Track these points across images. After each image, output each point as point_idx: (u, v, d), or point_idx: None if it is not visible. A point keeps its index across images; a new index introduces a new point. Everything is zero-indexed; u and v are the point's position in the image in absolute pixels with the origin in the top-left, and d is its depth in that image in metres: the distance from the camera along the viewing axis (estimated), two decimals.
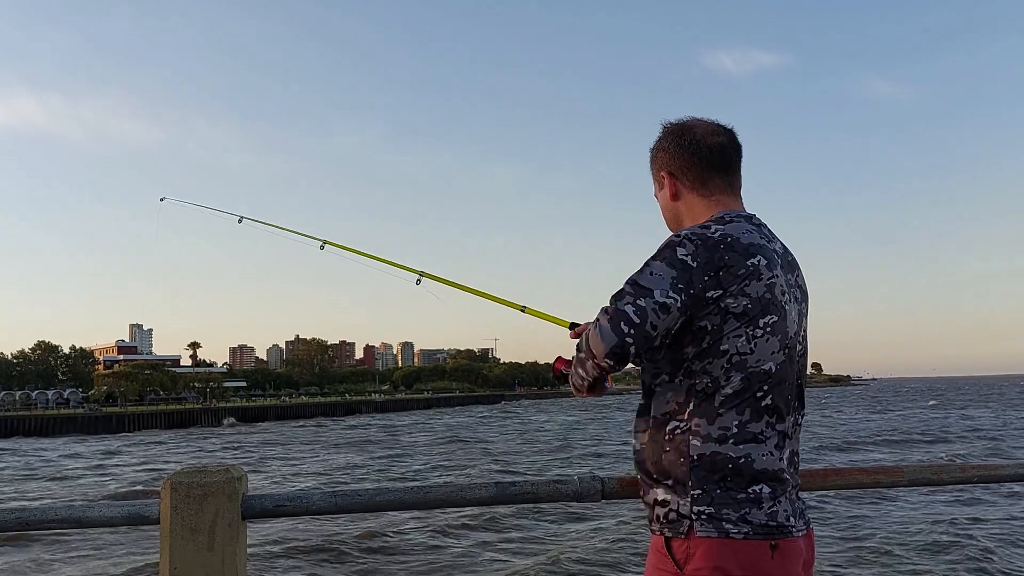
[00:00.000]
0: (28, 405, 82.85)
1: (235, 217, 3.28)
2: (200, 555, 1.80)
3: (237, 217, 3.27)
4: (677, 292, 1.59)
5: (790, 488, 1.67)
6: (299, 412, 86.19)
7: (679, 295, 1.59)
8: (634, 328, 1.59)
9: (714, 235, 1.64)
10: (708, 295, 1.60)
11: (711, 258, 1.61)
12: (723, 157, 1.82)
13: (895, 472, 2.19)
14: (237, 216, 3.28)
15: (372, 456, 30.16)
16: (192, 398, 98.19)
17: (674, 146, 1.83)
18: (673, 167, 1.83)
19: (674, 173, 1.83)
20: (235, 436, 49.44)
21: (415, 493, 1.98)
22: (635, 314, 1.59)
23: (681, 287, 1.59)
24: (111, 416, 69.99)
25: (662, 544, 1.64)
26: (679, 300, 1.59)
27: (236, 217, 3.28)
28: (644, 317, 1.59)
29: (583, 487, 1.98)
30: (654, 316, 1.59)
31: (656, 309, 1.59)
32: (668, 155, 1.84)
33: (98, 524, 1.90)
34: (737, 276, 1.61)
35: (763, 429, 1.63)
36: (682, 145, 1.82)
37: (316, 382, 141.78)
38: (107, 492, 21.66)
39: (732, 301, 1.61)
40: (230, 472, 1.86)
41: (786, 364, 1.67)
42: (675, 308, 1.59)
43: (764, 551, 1.58)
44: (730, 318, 1.61)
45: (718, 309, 1.61)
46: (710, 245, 1.62)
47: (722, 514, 1.58)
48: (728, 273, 1.61)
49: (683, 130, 1.84)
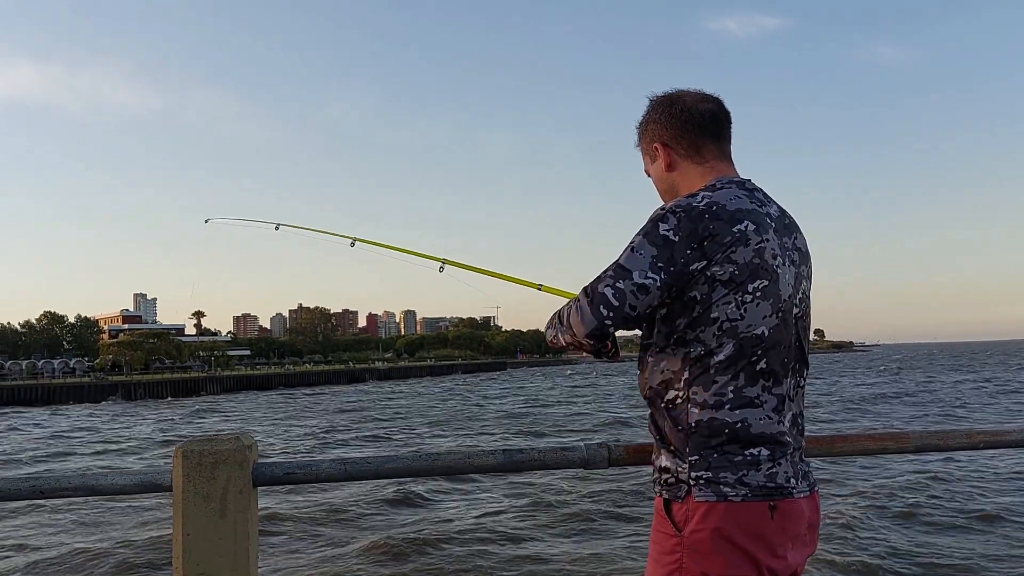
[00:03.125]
0: (35, 374, 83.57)
1: (272, 225, 3.44)
2: (212, 522, 1.82)
3: (274, 225, 3.41)
4: (656, 271, 1.61)
5: (792, 450, 1.68)
6: (303, 380, 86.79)
7: (658, 274, 1.61)
8: (612, 310, 1.63)
9: (700, 204, 1.64)
10: (692, 268, 1.60)
11: (694, 229, 1.60)
12: (715, 123, 1.81)
13: (902, 438, 2.21)
14: (274, 224, 3.43)
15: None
16: (197, 367, 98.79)
17: (665, 116, 1.82)
18: (666, 137, 1.82)
19: (667, 143, 1.82)
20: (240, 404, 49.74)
21: (423, 460, 2.00)
22: (614, 296, 1.63)
23: (661, 265, 1.61)
24: (117, 384, 70.57)
25: (662, 506, 1.67)
26: (659, 279, 1.61)
27: (273, 225, 3.43)
28: (623, 299, 1.62)
29: (590, 454, 2.00)
30: (632, 297, 1.62)
31: (634, 291, 1.62)
32: (659, 126, 1.83)
33: (111, 492, 1.92)
34: (723, 244, 1.60)
35: (759, 393, 1.63)
36: (673, 114, 1.81)
37: (320, 350, 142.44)
38: (117, 459, 21.92)
39: (718, 269, 1.60)
40: (240, 440, 1.88)
41: (780, 327, 1.67)
42: (654, 288, 1.61)
43: (763, 512, 1.59)
44: (718, 286, 1.61)
45: (705, 279, 1.61)
46: (694, 216, 1.62)
47: (719, 478, 1.60)
48: (713, 242, 1.60)
49: (672, 100, 1.83)
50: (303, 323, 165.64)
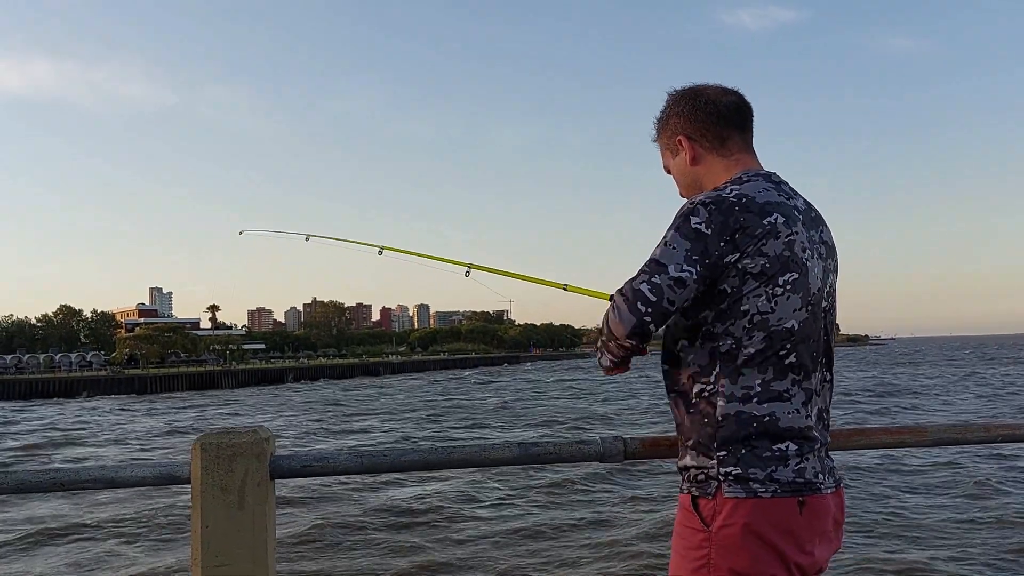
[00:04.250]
0: (52, 367, 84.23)
1: (302, 236, 3.47)
2: (230, 513, 1.83)
3: (304, 236, 3.45)
4: (692, 264, 1.59)
5: (818, 446, 1.67)
6: (318, 373, 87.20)
7: (694, 267, 1.59)
8: (651, 306, 1.61)
9: (729, 196, 1.63)
10: (726, 260, 1.60)
11: (726, 221, 1.59)
12: (740, 115, 1.81)
13: (919, 432, 2.19)
14: (304, 235, 3.46)
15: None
16: (212, 360, 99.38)
17: (688, 109, 1.81)
18: (690, 130, 1.81)
19: (691, 136, 1.81)
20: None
21: (439, 454, 2.01)
22: (651, 292, 1.61)
23: (696, 258, 1.59)
24: (133, 378, 71.16)
25: (689, 502, 1.66)
26: (694, 272, 1.59)
27: (303, 236, 3.46)
28: (660, 294, 1.60)
29: (606, 448, 1.99)
30: (670, 292, 1.60)
31: (671, 284, 1.60)
32: (683, 119, 1.82)
33: (130, 484, 1.94)
34: (754, 236, 1.59)
35: (788, 387, 1.63)
36: (697, 106, 1.80)
37: (334, 344, 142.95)
38: (136, 452, 22.12)
39: (749, 262, 1.59)
40: (258, 433, 1.89)
41: (810, 321, 1.65)
42: (691, 281, 1.60)
43: (792, 508, 1.59)
44: (748, 278, 1.60)
45: (736, 271, 1.60)
46: (724, 208, 1.61)
47: (749, 474, 1.59)
48: (744, 235, 1.59)
49: (695, 93, 1.82)
50: (317, 317, 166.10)
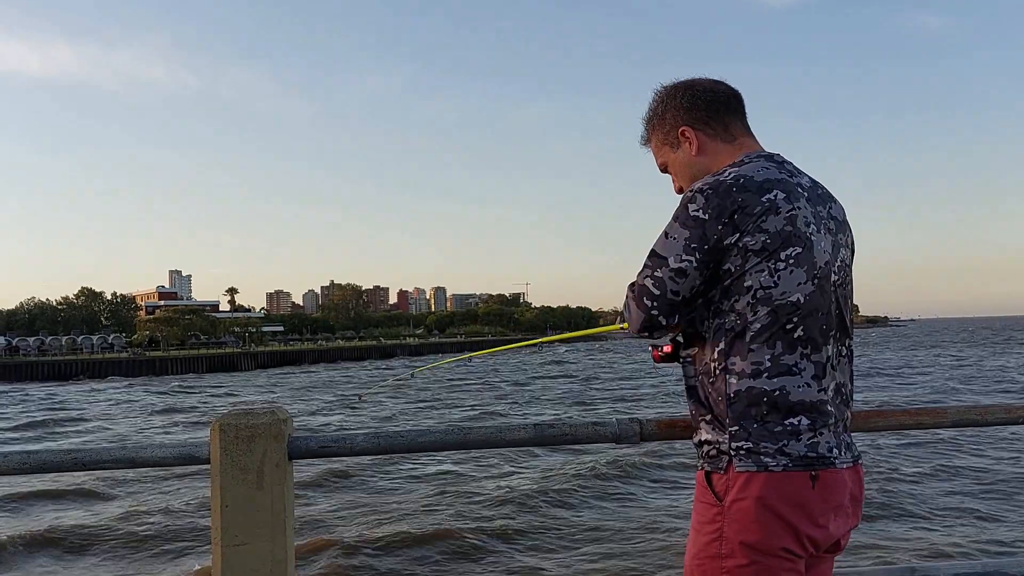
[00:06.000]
0: (74, 349, 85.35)
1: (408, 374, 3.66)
2: (250, 493, 1.86)
3: (410, 372, 3.66)
4: (691, 253, 1.63)
5: (833, 420, 1.66)
6: (336, 356, 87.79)
7: (693, 255, 1.63)
8: (656, 300, 1.67)
9: (727, 179, 1.64)
10: (725, 243, 1.61)
11: (723, 204, 1.61)
12: (737, 101, 1.83)
13: (939, 413, 2.17)
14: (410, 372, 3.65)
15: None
16: (232, 342, 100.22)
17: (688, 100, 1.82)
18: (692, 119, 1.82)
19: (694, 125, 1.81)
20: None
21: (456, 434, 2.02)
22: (654, 286, 1.67)
23: (694, 246, 1.63)
24: (155, 360, 71.95)
25: (704, 478, 1.68)
26: (694, 260, 1.63)
27: (409, 373, 3.66)
28: (663, 287, 1.66)
29: (622, 429, 2.00)
30: (672, 283, 1.65)
31: (673, 276, 1.65)
32: (683, 110, 1.82)
33: (150, 463, 1.96)
34: (752, 215, 1.60)
35: (797, 361, 1.62)
36: (696, 96, 1.82)
37: (352, 326, 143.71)
38: (156, 432, 22.41)
39: (750, 239, 1.60)
40: (276, 414, 1.90)
41: (817, 295, 1.65)
42: (691, 269, 1.64)
43: (804, 482, 1.59)
44: (750, 255, 1.61)
45: (737, 250, 1.61)
46: (722, 191, 1.62)
47: (760, 448, 1.60)
48: (743, 214, 1.60)
49: (690, 84, 1.85)
50: (335, 300, 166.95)
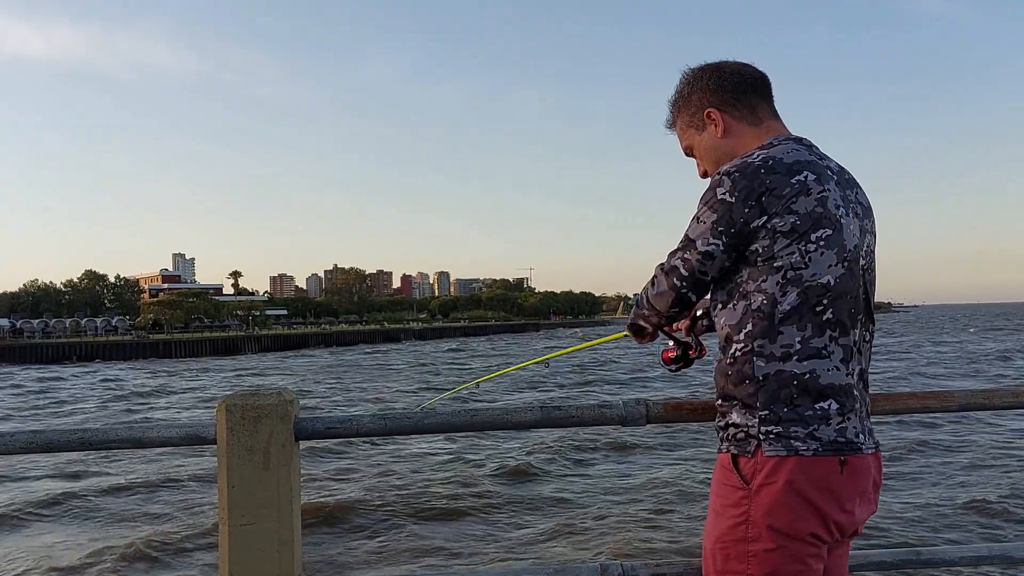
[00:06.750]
0: (78, 332, 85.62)
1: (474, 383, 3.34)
2: (256, 474, 1.86)
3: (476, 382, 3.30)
4: (717, 236, 1.65)
5: (858, 405, 1.66)
6: (340, 340, 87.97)
7: (720, 239, 1.65)
8: (685, 280, 1.73)
9: (755, 160, 1.64)
10: (752, 225, 1.61)
11: (750, 186, 1.61)
12: (764, 84, 1.82)
13: (946, 397, 2.16)
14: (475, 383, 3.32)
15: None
16: (235, 326, 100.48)
17: (714, 81, 1.81)
18: (718, 101, 1.81)
19: (721, 107, 1.81)
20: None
21: (462, 416, 2.01)
22: (683, 267, 1.72)
23: (721, 229, 1.64)
24: (158, 342, 72.22)
25: (729, 461, 1.67)
26: (721, 243, 1.65)
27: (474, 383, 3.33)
28: (691, 269, 1.71)
29: (628, 411, 1.99)
30: (700, 265, 1.69)
31: (700, 259, 1.69)
32: (709, 92, 1.82)
33: (157, 444, 1.96)
34: (781, 196, 1.60)
35: (826, 344, 1.62)
36: (724, 77, 1.81)
37: (355, 310, 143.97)
38: (163, 413, 22.52)
39: (779, 221, 1.60)
40: (282, 395, 1.90)
41: (847, 277, 1.64)
42: (718, 252, 1.66)
43: (833, 467, 1.59)
44: (779, 237, 1.60)
45: (766, 232, 1.61)
46: (749, 173, 1.62)
47: (790, 432, 1.59)
48: (771, 196, 1.60)
49: (717, 66, 1.84)
50: (339, 283, 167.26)
